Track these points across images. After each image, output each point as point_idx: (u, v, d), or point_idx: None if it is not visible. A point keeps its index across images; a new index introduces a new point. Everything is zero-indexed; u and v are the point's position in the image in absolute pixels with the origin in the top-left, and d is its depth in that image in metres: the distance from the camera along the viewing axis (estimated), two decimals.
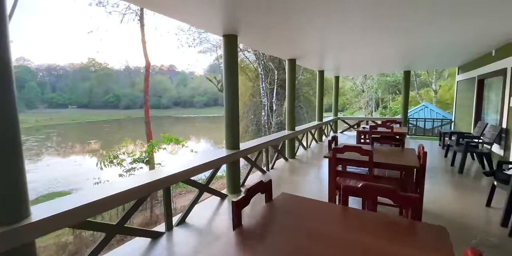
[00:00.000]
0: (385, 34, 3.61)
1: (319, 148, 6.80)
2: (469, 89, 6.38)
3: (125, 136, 37.42)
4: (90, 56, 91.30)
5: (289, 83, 5.41)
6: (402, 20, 3.02)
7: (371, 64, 6.84)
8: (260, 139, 4.49)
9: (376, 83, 26.72)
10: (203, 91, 71.93)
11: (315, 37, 3.83)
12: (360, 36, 3.66)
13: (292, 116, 5.53)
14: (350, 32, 3.49)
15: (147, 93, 10.14)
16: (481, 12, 2.79)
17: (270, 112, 14.72)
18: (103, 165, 6.77)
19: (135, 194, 2.08)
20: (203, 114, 59.74)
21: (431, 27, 3.26)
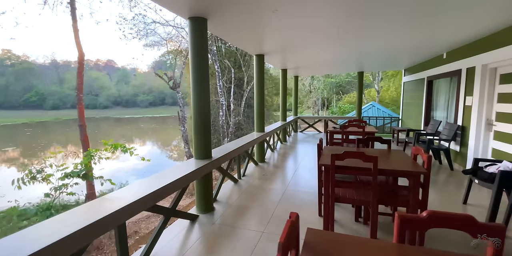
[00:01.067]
0: (342, 37, 3.83)
1: (285, 149, 6.54)
2: (417, 89, 6.93)
3: (53, 141, 31.84)
4: (5, 47, 75.74)
5: (257, 81, 4.95)
6: (356, 28, 3.33)
7: (329, 64, 6.93)
8: (232, 143, 3.92)
9: (322, 84, 28.51)
10: (148, 90, 66.49)
11: (283, 33, 3.62)
12: (322, 36, 3.70)
13: (262, 116, 5.09)
14: (313, 31, 3.48)
15: (81, 91, 8.43)
16: (433, 20, 3.08)
17: (228, 112, 14.09)
18: (21, 182, 5.21)
19: (70, 245, 1.31)
20: (149, 114, 55.28)
21: (385, 32, 3.56)
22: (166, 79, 11.16)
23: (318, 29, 3.39)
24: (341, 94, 29.75)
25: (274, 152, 6.11)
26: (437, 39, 4.13)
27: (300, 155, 5.82)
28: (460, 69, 4.48)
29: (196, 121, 2.84)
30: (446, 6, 2.66)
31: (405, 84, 8.16)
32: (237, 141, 4.18)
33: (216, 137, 15.58)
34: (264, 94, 4.95)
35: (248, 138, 4.48)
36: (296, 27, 3.29)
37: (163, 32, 37.79)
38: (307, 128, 9.51)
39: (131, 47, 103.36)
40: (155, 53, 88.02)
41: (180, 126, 11.37)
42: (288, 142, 7.51)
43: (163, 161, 22.45)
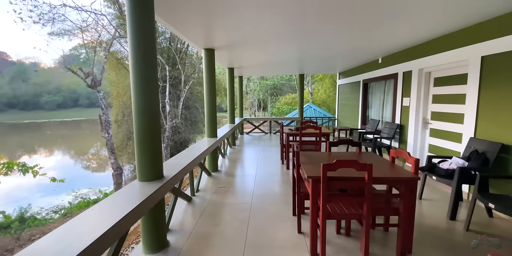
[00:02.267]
0: (287, 37, 3.83)
1: (236, 153, 6.06)
2: (352, 91, 7.50)
3: None
4: None
5: (208, 78, 4.31)
6: (299, 29, 3.40)
7: (273, 65, 6.85)
8: (183, 155, 3.18)
9: (258, 86, 29.28)
10: (55, 89, 55.36)
11: (237, 27, 3.28)
12: (271, 34, 3.62)
13: (214, 119, 4.47)
14: (265, 29, 3.34)
15: None
16: (372, 27, 3.30)
17: (163, 114, 12.64)
18: None
19: None
20: (57, 118, 46.23)
21: (325, 36, 3.70)
22: (83, 75, 9.12)
23: (270, 27, 3.23)
24: (275, 95, 31.18)
25: (226, 158, 5.55)
26: (374, 45, 4.41)
27: (254, 159, 5.43)
28: (397, 72, 4.91)
29: (139, 130, 2.05)
30: (386, 15, 2.83)
31: (340, 87, 8.80)
32: (189, 150, 3.46)
33: None
34: (216, 94, 4.35)
35: (201, 146, 3.81)
36: (250, 22, 3.07)
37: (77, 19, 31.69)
38: (253, 129, 9.26)
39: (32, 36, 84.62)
40: (64, 44, 74.48)
41: (104, 132, 9.47)
42: (237, 145, 7.06)
43: (78, 173, 18.86)
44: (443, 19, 2.99)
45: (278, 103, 23.47)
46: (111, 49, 14.04)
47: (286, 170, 4.57)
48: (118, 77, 14.86)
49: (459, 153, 3.47)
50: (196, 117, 15.61)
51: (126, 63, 14.61)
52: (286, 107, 21.06)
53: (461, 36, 3.32)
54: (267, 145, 7.11)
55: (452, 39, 3.48)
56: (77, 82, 41.11)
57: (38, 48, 42.96)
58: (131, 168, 15.77)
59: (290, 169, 4.56)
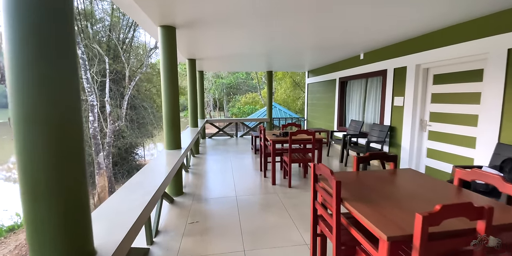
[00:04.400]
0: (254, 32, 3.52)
1: (202, 165, 4.90)
2: (326, 90, 7.01)
3: None
4: None
5: (166, 66, 3.12)
6: (268, 23, 3.07)
7: (239, 59, 5.95)
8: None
9: (214, 84, 27.94)
10: None
11: None
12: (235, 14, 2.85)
13: (176, 125, 3.30)
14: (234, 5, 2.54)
15: None
16: (353, 15, 2.82)
17: (102, 115, 10.47)
18: None
19: None
20: None
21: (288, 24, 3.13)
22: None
23: (240, 4, 2.48)
24: (232, 95, 30.19)
25: (189, 173, 4.37)
26: (354, 39, 3.93)
27: (227, 171, 4.37)
28: (386, 69, 4.45)
29: None
30: None
31: (310, 85, 8.31)
32: (141, 174, 2.27)
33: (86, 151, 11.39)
34: (178, 87, 3.21)
35: (160, 165, 2.64)
36: None
37: None
38: (217, 132, 8.12)
39: None
40: None
41: None
42: (201, 153, 5.87)
43: None
44: (458, 3, 2.47)
45: (238, 103, 22.50)
46: None
47: (271, 185, 3.67)
48: None
49: (472, 159, 3.05)
50: (145, 118, 13.60)
51: None
52: (247, 107, 20.22)
53: (480, 25, 2.87)
54: (236, 150, 6.10)
55: (465, 30, 3.03)
56: None
57: None
58: None
59: (276, 185, 3.68)
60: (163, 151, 3.20)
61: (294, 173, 4.28)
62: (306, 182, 3.79)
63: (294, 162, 3.58)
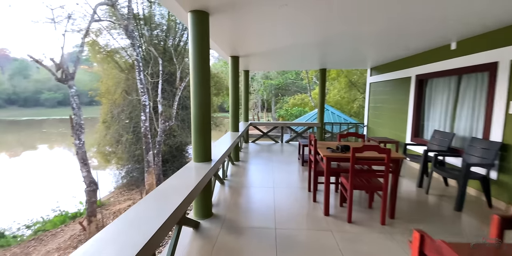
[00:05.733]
0: (307, 24, 3.05)
1: (240, 176, 4.27)
2: (396, 91, 5.70)
3: None
4: None
5: (196, 51, 2.55)
6: None
7: (289, 56, 5.17)
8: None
9: (262, 85, 27.62)
10: (55, 86, 54.18)
11: None
12: None
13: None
14: None
15: None
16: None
17: (155, 115, 10.92)
18: None
19: None
20: (56, 115, 44.91)
21: None
22: (54, 68, 7.42)
23: None
24: (281, 96, 29.46)
25: (225, 186, 3.77)
26: (446, 22, 2.78)
27: (269, 191, 3.60)
28: (496, 62, 3.11)
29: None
30: None
31: (373, 85, 7.00)
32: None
33: (135, 149, 12.07)
34: (208, 83, 2.62)
35: (179, 184, 2.06)
36: None
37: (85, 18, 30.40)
38: (261, 137, 7.48)
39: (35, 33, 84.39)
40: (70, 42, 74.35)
41: (74, 138, 7.74)
42: (241, 160, 5.28)
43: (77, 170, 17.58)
44: None
45: (286, 105, 21.62)
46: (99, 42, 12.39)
47: (323, 215, 2.80)
48: (104, 72, 13.17)
49: None
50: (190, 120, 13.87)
51: (116, 57, 12.92)
52: (296, 109, 19.21)
53: None
54: (281, 160, 5.33)
55: None
56: (79, 79, 40.43)
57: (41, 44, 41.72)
58: (119, 175, 14.03)
59: (330, 216, 2.78)
60: (190, 164, 2.63)
61: (355, 198, 3.30)
62: (372, 216, 2.79)
63: (357, 188, 2.63)
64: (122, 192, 12.86)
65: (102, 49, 12.67)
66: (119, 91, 12.74)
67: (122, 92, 12.39)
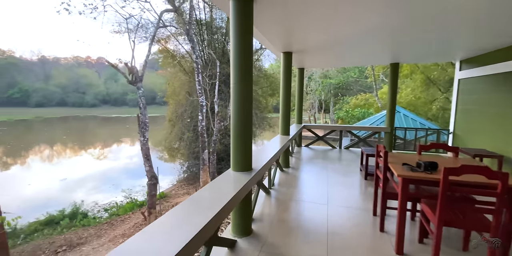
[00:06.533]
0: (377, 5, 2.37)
1: (288, 186, 3.78)
2: (499, 88, 4.30)
3: (35, 141, 29.84)
4: None
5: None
6: None
7: (350, 49, 4.37)
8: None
9: (320, 85, 26.16)
10: (137, 88, 63.76)
11: None
12: None
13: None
14: None
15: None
16: None
17: (212, 115, 11.31)
18: None
19: None
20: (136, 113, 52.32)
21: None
22: (127, 71, 8.33)
23: None
24: (340, 96, 27.44)
25: (271, 197, 3.36)
26: None
27: (321, 209, 3.01)
28: None
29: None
30: None
31: (463, 82, 5.55)
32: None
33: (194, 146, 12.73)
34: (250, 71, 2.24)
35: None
36: None
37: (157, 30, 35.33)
38: (316, 141, 6.80)
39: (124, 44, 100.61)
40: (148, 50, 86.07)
41: (140, 135, 8.51)
42: (292, 166, 4.78)
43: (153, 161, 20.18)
44: None
45: (347, 106, 19.91)
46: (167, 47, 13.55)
47: (394, 254, 2.11)
48: (171, 75, 14.37)
49: None
50: None
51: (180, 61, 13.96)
52: (358, 110, 17.47)
53: None
54: (338, 169, 4.61)
55: None
56: (155, 82, 46.48)
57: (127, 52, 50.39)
58: (181, 169, 15.16)
59: (405, 255, 2.08)
60: (227, 173, 2.31)
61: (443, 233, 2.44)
62: None
63: (450, 225, 1.86)
64: (182, 185, 13.83)
65: (169, 54, 13.86)
66: (183, 93, 13.74)
67: (185, 94, 13.31)
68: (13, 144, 27.92)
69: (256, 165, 2.48)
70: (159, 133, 34.08)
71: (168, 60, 14.10)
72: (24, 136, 33.64)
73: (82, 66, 72.67)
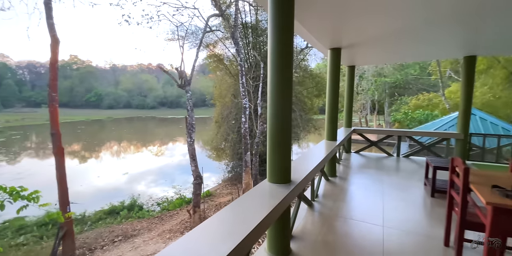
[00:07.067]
0: None
1: (334, 199, 3.36)
2: None
3: (106, 138, 35.01)
4: (73, 53, 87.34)
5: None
6: None
7: (416, 42, 3.67)
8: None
9: (373, 84, 24.04)
10: (191, 91, 69.16)
11: None
12: None
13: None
14: None
15: (55, 89, 6.48)
16: None
17: (255, 117, 11.28)
18: None
19: None
20: None
21: None
22: (177, 76, 8.84)
23: None
24: (396, 96, 24.81)
25: (314, 211, 3.00)
26: None
27: (376, 233, 2.55)
28: None
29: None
30: None
31: None
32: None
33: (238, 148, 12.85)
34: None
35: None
36: None
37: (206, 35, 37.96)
38: (368, 147, 6.09)
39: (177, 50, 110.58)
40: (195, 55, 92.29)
41: (187, 136, 8.89)
42: (339, 175, 4.30)
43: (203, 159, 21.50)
44: None
45: (405, 107, 17.83)
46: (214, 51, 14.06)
47: None
48: (220, 78, 14.87)
49: None
50: (292, 121, 13.51)
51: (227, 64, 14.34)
52: (420, 112, 15.45)
53: None
54: (396, 182, 3.96)
55: None
56: (206, 86, 49.84)
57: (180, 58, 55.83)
58: (226, 169, 15.56)
59: None
60: (263, 185, 2.07)
61: None
62: None
63: None
64: (226, 185, 14.17)
65: (217, 58, 14.37)
66: (229, 95, 14.11)
67: (231, 96, 13.62)
68: (89, 140, 32.88)
69: (296, 176, 2.19)
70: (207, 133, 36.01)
71: (216, 64, 14.64)
72: (98, 134, 39.31)
73: (144, 72, 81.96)
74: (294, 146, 17.51)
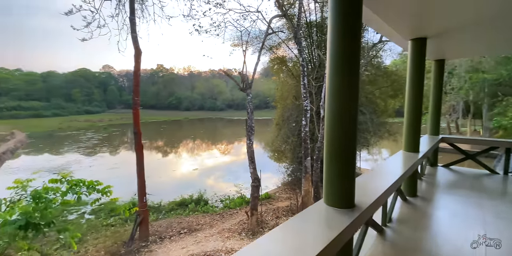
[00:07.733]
0: None
1: (410, 230, 2.67)
2: None
3: (184, 136, 40.40)
4: (159, 62, 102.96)
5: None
6: None
7: None
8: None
9: (467, 82, 19.77)
10: (255, 94, 72.31)
11: None
12: None
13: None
14: None
15: (137, 94, 7.46)
16: None
17: (317, 120, 10.63)
18: None
19: None
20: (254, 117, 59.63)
21: None
22: (240, 79, 9.11)
23: None
24: (500, 97, 19.73)
25: (384, 241, 2.44)
26: None
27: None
28: None
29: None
30: None
31: None
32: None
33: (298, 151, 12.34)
34: None
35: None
36: None
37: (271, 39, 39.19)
38: (462, 161, 4.83)
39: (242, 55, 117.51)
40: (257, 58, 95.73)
41: (246, 138, 8.98)
42: (420, 195, 3.48)
43: (264, 159, 22.02)
44: None
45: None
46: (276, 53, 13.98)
47: None
48: (282, 80, 14.75)
49: None
50: (361, 124, 12.19)
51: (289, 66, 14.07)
52: None
53: None
54: (504, 212, 2.94)
55: None
56: (269, 88, 51.31)
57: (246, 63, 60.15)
58: (286, 172, 15.27)
59: None
60: (319, 208, 1.72)
61: None
62: None
63: None
64: (286, 189, 13.89)
65: (279, 60, 14.27)
66: (290, 97, 13.82)
67: (292, 98, 13.29)
68: (170, 138, 37.94)
69: (363, 199, 1.75)
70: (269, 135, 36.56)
71: (279, 66, 14.58)
72: (177, 132, 44.96)
73: (215, 77, 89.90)
74: (363, 153, 15.88)
